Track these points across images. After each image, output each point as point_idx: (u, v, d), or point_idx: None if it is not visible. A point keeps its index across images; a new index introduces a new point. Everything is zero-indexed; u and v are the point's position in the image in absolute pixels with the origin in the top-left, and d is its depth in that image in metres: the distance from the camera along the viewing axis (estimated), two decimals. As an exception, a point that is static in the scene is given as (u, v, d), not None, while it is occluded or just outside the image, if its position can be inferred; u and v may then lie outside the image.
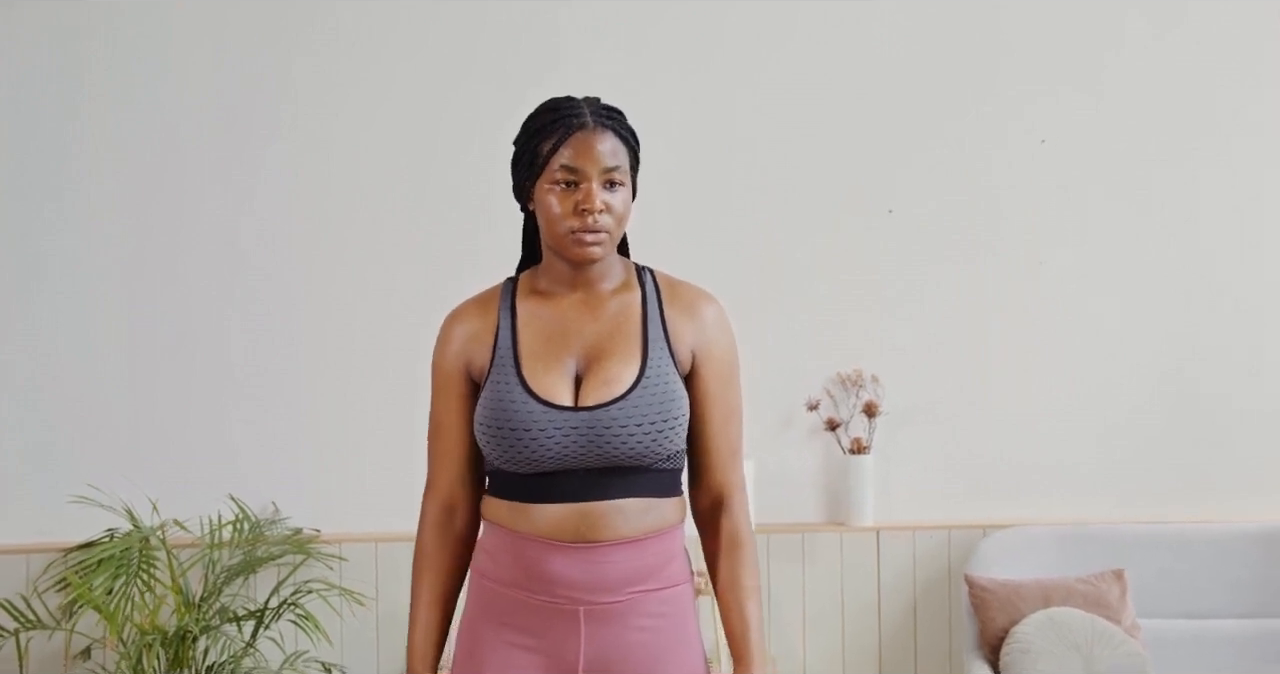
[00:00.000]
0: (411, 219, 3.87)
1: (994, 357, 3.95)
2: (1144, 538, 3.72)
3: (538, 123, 1.87)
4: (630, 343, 1.87)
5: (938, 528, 3.88)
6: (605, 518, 1.84)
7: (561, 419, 1.82)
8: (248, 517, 3.70)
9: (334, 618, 3.71)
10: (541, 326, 1.89)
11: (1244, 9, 3.96)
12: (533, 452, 1.82)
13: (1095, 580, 3.55)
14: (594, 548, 1.84)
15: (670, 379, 1.86)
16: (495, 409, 1.84)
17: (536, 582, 1.85)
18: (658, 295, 1.93)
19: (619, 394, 1.82)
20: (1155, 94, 3.97)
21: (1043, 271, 3.95)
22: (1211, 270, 3.96)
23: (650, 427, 1.82)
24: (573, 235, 1.83)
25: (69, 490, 3.65)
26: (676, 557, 1.92)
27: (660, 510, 1.89)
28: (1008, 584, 3.54)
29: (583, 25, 3.91)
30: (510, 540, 1.87)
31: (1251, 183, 3.97)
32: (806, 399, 3.90)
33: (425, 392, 3.60)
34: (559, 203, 1.83)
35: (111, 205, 3.83)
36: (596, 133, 1.84)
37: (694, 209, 3.86)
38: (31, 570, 3.72)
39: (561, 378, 1.85)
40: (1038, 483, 3.93)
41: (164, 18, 3.83)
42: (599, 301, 1.91)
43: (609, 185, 1.84)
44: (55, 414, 3.82)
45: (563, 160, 1.83)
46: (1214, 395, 3.95)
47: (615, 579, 1.84)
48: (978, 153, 3.95)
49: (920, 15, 3.97)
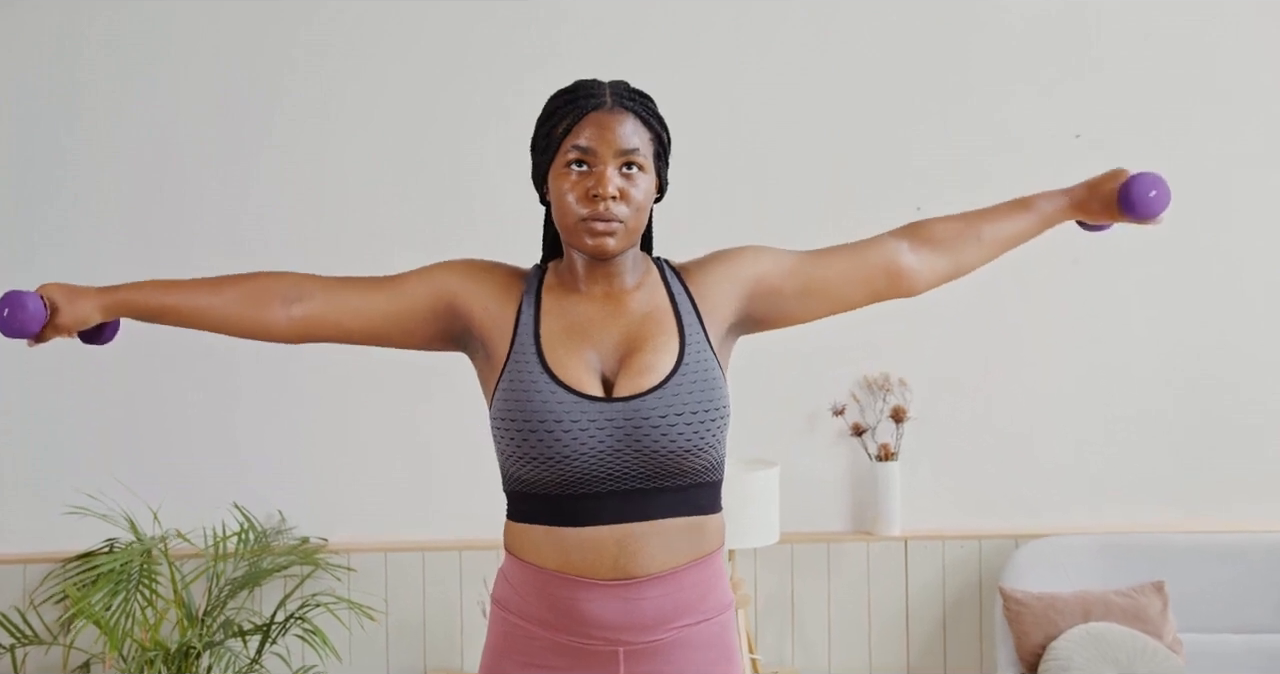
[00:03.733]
0: (417, 223, 3.76)
1: (1026, 359, 3.84)
2: (1184, 547, 3.61)
3: (554, 104, 1.73)
4: (664, 331, 1.72)
5: (968, 537, 3.78)
6: (645, 545, 1.68)
7: (595, 411, 1.64)
8: (253, 526, 3.60)
9: (342, 632, 3.59)
10: (565, 322, 1.73)
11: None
12: (564, 448, 1.64)
13: (1135, 593, 3.43)
14: (631, 584, 1.68)
15: (711, 366, 1.71)
16: (519, 401, 1.66)
17: (569, 622, 1.69)
18: (679, 279, 1.79)
19: (656, 383, 1.66)
20: (1190, 89, 3.84)
21: (1076, 271, 3.82)
22: (1248, 271, 3.84)
23: (693, 418, 1.66)
24: (583, 224, 1.67)
25: (67, 498, 3.55)
26: (718, 583, 1.78)
27: (702, 532, 1.73)
28: (1043, 597, 3.41)
29: (580, 19, 3.79)
30: (536, 576, 1.71)
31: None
32: (831, 403, 3.79)
33: (435, 394, 3.48)
34: (571, 188, 1.68)
35: (109, 207, 3.74)
36: (615, 113, 1.69)
37: (709, 207, 3.72)
38: (29, 581, 3.62)
39: (588, 372, 1.69)
40: (1071, 490, 3.82)
41: (163, 17, 3.74)
42: (623, 297, 1.75)
43: (626, 169, 1.69)
44: (53, 419, 3.72)
45: (575, 141, 1.68)
46: (1255, 399, 3.83)
47: (656, 616, 1.69)
48: (1009, 148, 3.83)
49: (948, 4, 3.84)
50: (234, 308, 1.76)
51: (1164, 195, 1.86)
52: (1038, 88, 3.83)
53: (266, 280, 1.77)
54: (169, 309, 1.76)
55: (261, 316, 1.76)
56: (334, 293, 1.76)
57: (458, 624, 3.69)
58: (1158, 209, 1.87)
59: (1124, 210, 1.87)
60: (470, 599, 3.66)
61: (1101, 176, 1.90)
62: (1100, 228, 1.99)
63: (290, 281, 1.77)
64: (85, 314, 1.72)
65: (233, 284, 1.77)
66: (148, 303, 1.75)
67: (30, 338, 1.70)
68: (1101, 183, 1.90)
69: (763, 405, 3.62)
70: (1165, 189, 1.86)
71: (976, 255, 1.88)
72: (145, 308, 1.75)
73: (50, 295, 1.71)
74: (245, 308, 1.76)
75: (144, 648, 3.28)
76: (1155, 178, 1.85)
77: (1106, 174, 1.90)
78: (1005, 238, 1.89)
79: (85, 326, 1.74)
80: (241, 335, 1.80)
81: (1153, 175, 1.86)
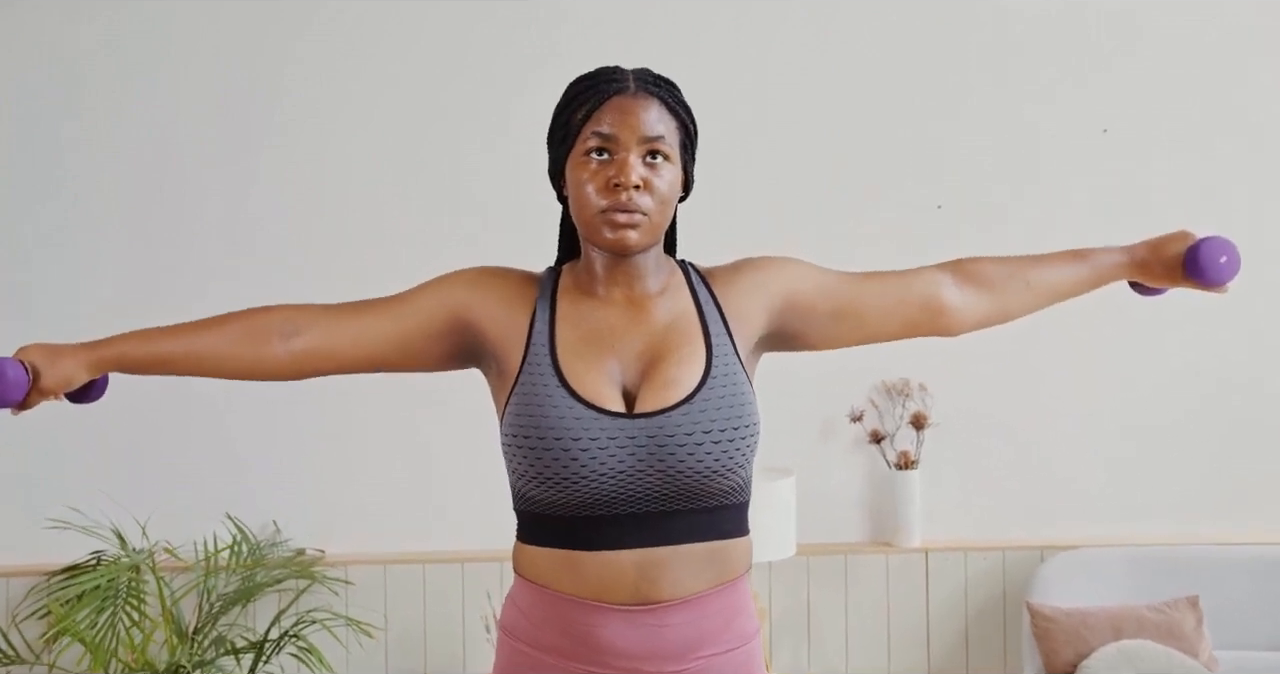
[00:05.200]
0: (417, 223, 3.66)
1: (1050, 363, 3.71)
2: (1217, 560, 3.48)
3: (574, 90, 1.60)
4: (690, 342, 1.59)
5: (991, 549, 3.65)
6: (667, 570, 1.55)
7: (616, 428, 1.52)
8: (247, 538, 3.46)
9: (339, 649, 3.45)
10: (582, 329, 1.60)
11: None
12: (582, 467, 1.51)
13: (1167, 608, 3.29)
14: (652, 610, 1.55)
15: (739, 380, 1.58)
16: (532, 416, 1.53)
17: (584, 650, 1.56)
18: (706, 285, 1.65)
19: (682, 397, 1.53)
20: (1224, 86, 3.71)
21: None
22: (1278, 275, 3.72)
23: (720, 436, 1.53)
24: (603, 216, 1.55)
25: (51, 510, 3.42)
26: (743, 610, 1.64)
27: (727, 557, 1.60)
28: (1073, 613, 3.27)
29: (581, 19, 3.67)
30: (552, 603, 1.57)
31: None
32: (849, 409, 3.66)
33: (436, 400, 3.35)
34: (590, 178, 1.55)
35: (109, 207, 3.65)
36: (638, 99, 1.56)
37: (723, 206, 3.59)
38: (11, 597, 3.49)
39: (608, 384, 1.56)
40: (1099, 500, 3.70)
41: (163, 17, 3.66)
42: (646, 303, 1.62)
43: (650, 158, 1.56)
44: (36, 427, 3.53)
45: (595, 127, 1.56)
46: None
47: (677, 645, 1.56)
48: (1032, 144, 3.71)
49: (975, 3, 3.74)
50: (229, 348, 1.62)
51: (1234, 261, 1.72)
52: (1069, 83, 3.72)
53: (260, 316, 1.64)
54: (160, 359, 1.63)
55: (259, 354, 1.62)
56: (334, 321, 1.64)
57: (460, 640, 3.56)
58: (1227, 276, 1.73)
59: (1189, 275, 1.73)
60: (473, 614, 3.53)
61: (1166, 237, 1.77)
62: (1156, 292, 1.83)
63: (285, 314, 1.64)
64: (70, 374, 1.60)
65: (223, 324, 1.64)
66: (136, 355, 1.62)
67: (14, 406, 1.57)
68: (1166, 244, 1.76)
69: (777, 411, 3.41)
70: (1236, 255, 1.72)
71: (1022, 301, 1.75)
72: (134, 360, 1.62)
73: (31, 359, 1.58)
74: (241, 347, 1.62)
75: (131, 668, 3.16)
76: (1225, 242, 1.71)
77: (1172, 235, 1.77)
78: (1055, 287, 1.76)
79: (71, 387, 1.62)
80: (240, 377, 1.65)
81: (1222, 239, 1.71)
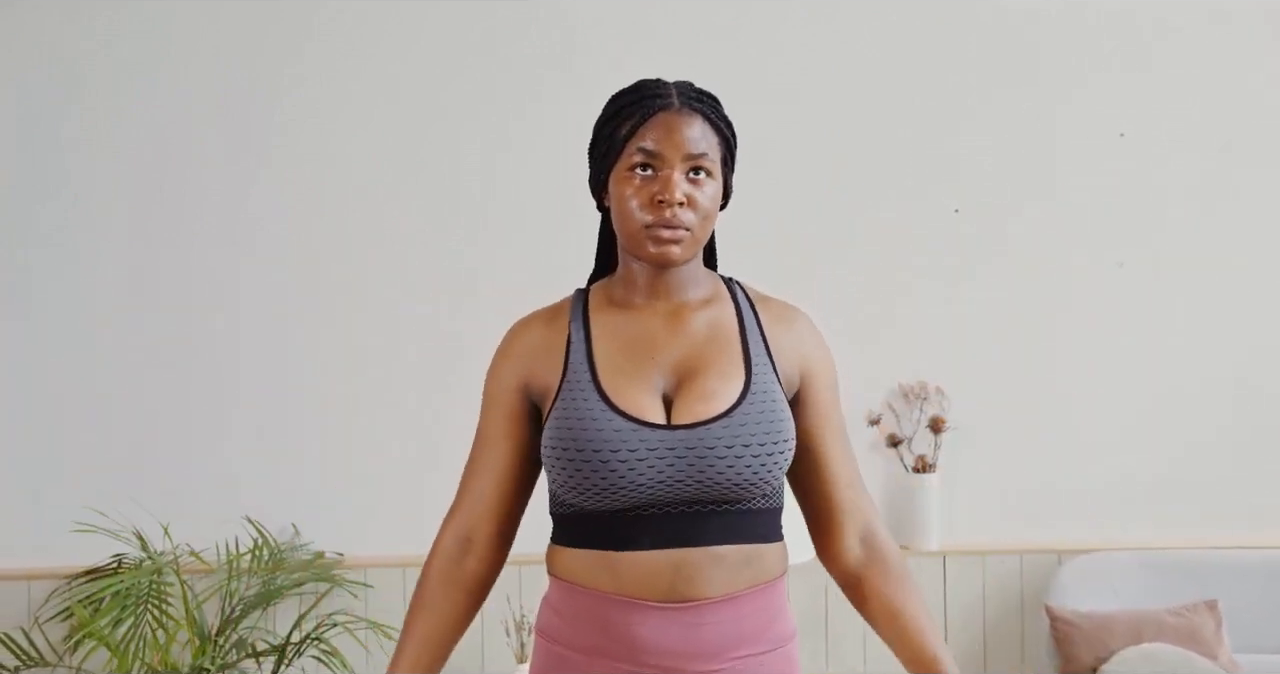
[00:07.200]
0: (417, 223, 3.66)
1: (1069, 366, 3.71)
2: (1235, 564, 3.50)
3: (617, 104, 1.63)
4: (730, 357, 1.61)
5: (1009, 552, 3.65)
6: (702, 570, 1.56)
7: (656, 439, 1.54)
8: (267, 542, 3.46)
9: (360, 652, 3.46)
10: (621, 340, 1.62)
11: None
12: (620, 478, 1.53)
13: (1187, 612, 3.29)
14: (690, 608, 1.56)
15: (777, 398, 1.60)
16: (572, 429, 1.55)
17: (621, 648, 1.57)
18: (752, 307, 1.68)
19: (721, 411, 1.55)
20: (1244, 91, 3.71)
21: (1121, 274, 3.69)
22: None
23: (760, 450, 1.55)
24: (648, 231, 1.58)
25: (74, 513, 3.40)
26: (781, 613, 1.65)
27: (762, 560, 1.61)
28: (1093, 616, 3.27)
29: (581, 19, 3.65)
30: (588, 601, 1.59)
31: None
32: (866, 413, 3.66)
33: (453, 400, 3.36)
34: (635, 193, 1.58)
35: (109, 207, 3.65)
36: (683, 115, 1.60)
37: (741, 207, 3.58)
38: (33, 599, 3.49)
39: (648, 393, 1.58)
40: (1117, 503, 3.69)
41: (163, 17, 3.65)
42: (686, 313, 1.65)
43: (694, 174, 1.59)
44: (59, 431, 3.60)
45: (640, 143, 1.58)
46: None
47: (714, 644, 1.57)
48: (1050, 148, 3.71)
49: (993, 4, 3.72)
50: (465, 610, 1.68)
51: None
52: (1084, 87, 3.72)
53: (437, 563, 1.68)
54: (438, 662, 1.68)
55: (476, 579, 1.68)
56: (475, 494, 1.68)
57: (479, 642, 3.56)
58: None
59: None
60: (493, 616, 3.53)
61: None
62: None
63: (446, 538, 1.68)
64: None
65: (431, 596, 1.67)
66: None
67: None
68: None
69: (794, 415, 3.49)
70: None
71: (869, 609, 1.70)
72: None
73: None
74: (457, 593, 1.67)
75: (154, 670, 3.15)
76: None
77: None
78: (892, 630, 1.69)
79: None
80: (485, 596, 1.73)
81: None
